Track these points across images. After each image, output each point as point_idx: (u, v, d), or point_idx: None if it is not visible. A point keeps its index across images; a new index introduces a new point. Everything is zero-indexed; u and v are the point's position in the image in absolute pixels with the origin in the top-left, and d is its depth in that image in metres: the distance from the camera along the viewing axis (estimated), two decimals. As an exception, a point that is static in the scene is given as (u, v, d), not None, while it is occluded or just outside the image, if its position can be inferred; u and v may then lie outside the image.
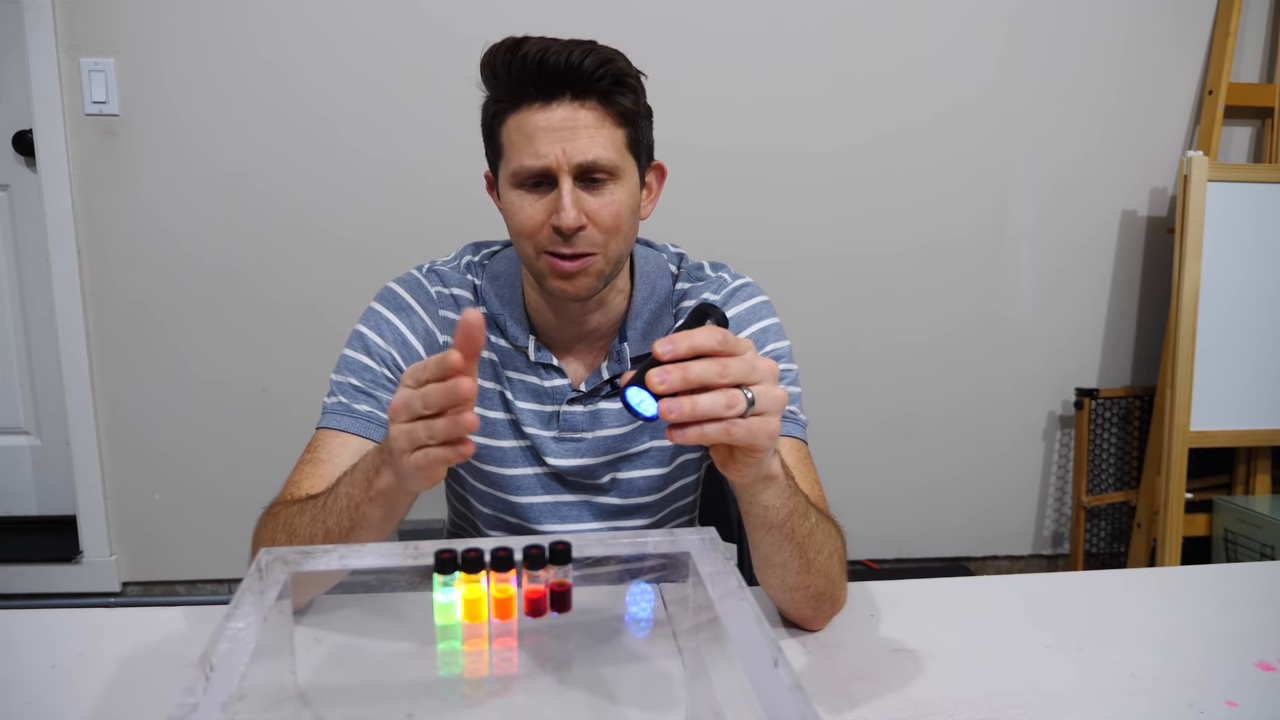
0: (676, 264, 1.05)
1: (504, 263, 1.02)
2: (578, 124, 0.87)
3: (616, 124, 0.89)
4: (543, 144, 0.86)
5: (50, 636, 0.83)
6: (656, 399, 0.64)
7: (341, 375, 0.96)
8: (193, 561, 2.31)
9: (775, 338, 1.01)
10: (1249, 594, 0.95)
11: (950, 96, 2.26)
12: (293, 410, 2.22)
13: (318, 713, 0.62)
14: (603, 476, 1.01)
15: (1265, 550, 2.14)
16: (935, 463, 2.42)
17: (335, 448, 0.91)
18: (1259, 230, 2.16)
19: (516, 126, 0.88)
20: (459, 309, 0.99)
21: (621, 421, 1.00)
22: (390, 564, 0.58)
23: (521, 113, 0.87)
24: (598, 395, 1.00)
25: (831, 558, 0.83)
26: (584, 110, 0.87)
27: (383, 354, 0.96)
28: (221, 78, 2.10)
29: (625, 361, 0.99)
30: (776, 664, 0.47)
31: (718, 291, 1.02)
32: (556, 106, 0.86)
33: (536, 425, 1.00)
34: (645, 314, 1.00)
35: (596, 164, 0.87)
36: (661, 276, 1.02)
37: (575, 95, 0.86)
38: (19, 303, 2.36)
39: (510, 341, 1.00)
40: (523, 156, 0.87)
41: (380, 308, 0.99)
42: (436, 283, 1.00)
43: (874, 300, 2.33)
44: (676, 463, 1.03)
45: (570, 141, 0.86)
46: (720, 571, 0.57)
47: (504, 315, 0.99)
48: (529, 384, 1.00)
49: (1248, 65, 2.33)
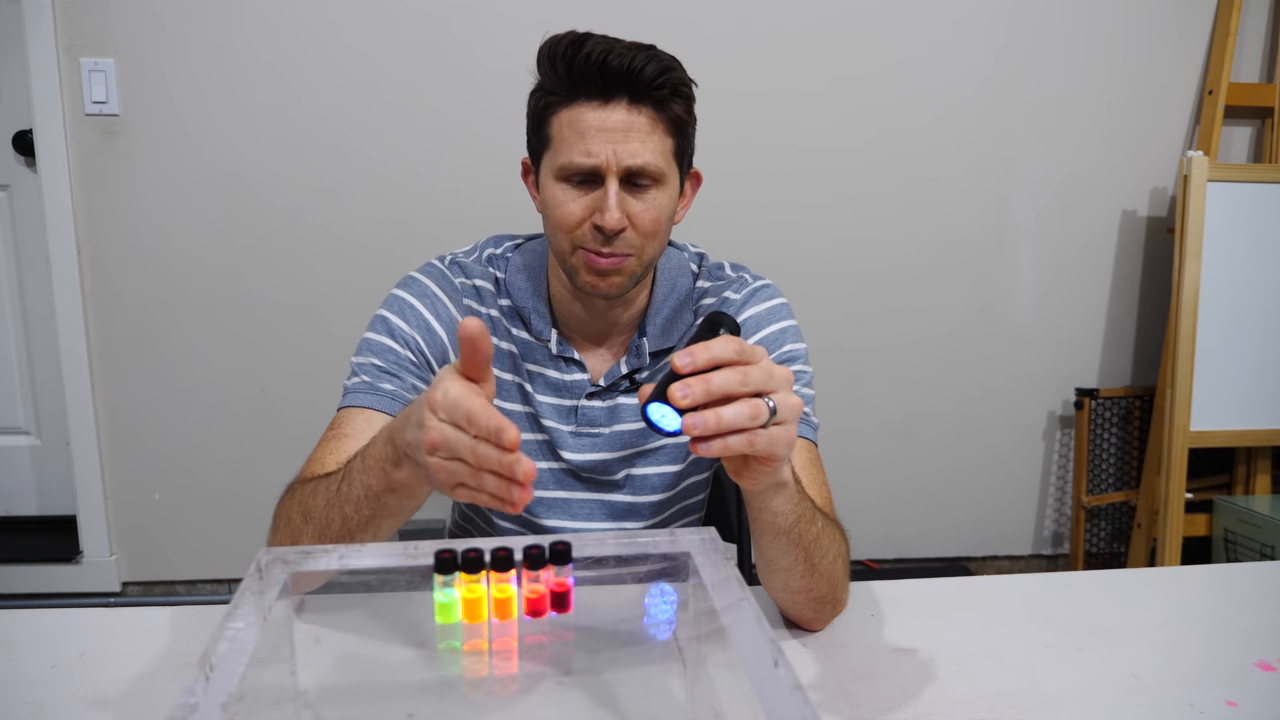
0: (697, 263, 1.06)
1: (529, 255, 1.02)
2: (631, 128, 0.87)
3: (667, 132, 0.90)
4: (595, 143, 0.87)
5: (50, 636, 0.83)
6: (680, 413, 0.64)
7: (363, 357, 0.95)
8: (193, 561, 2.31)
9: (793, 339, 1.01)
10: (1249, 594, 0.95)
11: (951, 96, 2.26)
12: (292, 410, 2.22)
13: (318, 713, 0.62)
14: (618, 472, 1.02)
15: (1265, 550, 2.14)
16: (935, 463, 2.42)
17: (360, 424, 0.90)
18: (1259, 230, 2.16)
19: (569, 122, 0.88)
20: (482, 301, 1.00)
21: (636, 417, 1.00)
22: (390, 564, 0.58)
23: (576, 108, 0.88)
24: (616, 390, 1.00)
25: (835, 562, 0.83)
26: (639, 115, 0.88)
27: (406, 337, 0.95)
28: (221, 78, 2.10)
29: (644, 357, 1.00)
30: (776, 664, 0.47)
31: (738, 291, 1.02)
32: (612, 108, 0.87)
33: (555, 419, 1.00)
34: (665, 310, 1.01)
35: (645, 169, 0.88)
36: (682, 275, 1.03)
37: (632, 99, 0.87)
38: (19, 303, 2.36)
39: (533, 334, 1.00)
40: (573, 153, 0.88)
41: (403, 293, 0.98)
42: (459, 274, 1.00)
43: (874, 300, 2.33)
44: (690, 460, 1.04)
45: (622, 144, 0.87)
46: (721, 572, 0.57)
47: (528, 307, 1.00)
48: (549, 378, 1.00)
49: (1248, 65, 2.33)
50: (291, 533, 0.80)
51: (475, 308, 0.99)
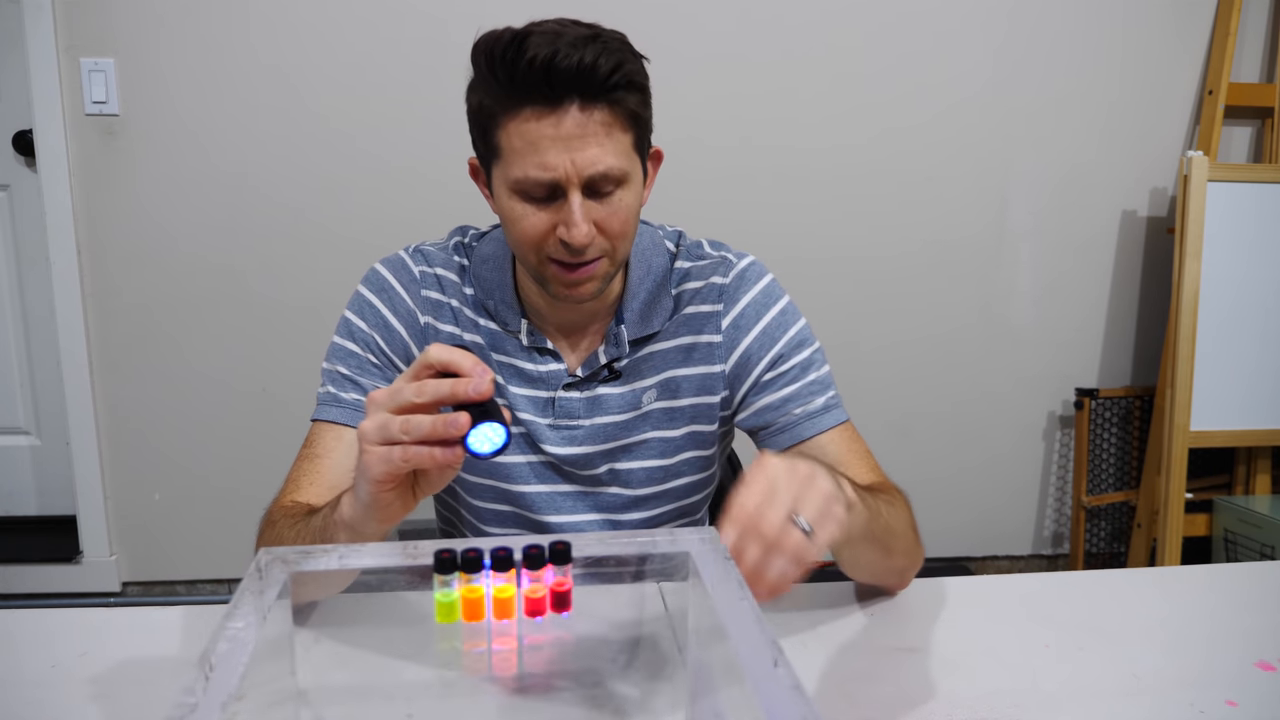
0: (674, 241, 1.01)
1: (492, 245, 0.98)
2: (586, 132, 0.80)
3: (624, 128, 0.83)
4: (549, 154, 0.80)
5: (50, 636, 0.83)
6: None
7: (330, 364, 0.95)
8: (193, 561, 2.31)
9: (794, 319, 0.98)
10: (1249, 594, 0.95)
11: (950, 95, 2.26)
12: (293, 410, 2.22)
13: (318, 713, 0.62)
14: (600, 466, 0.98)
15: (1265, 550, 2.14)
16: (935, 462, 2.42)
17: (329, 442, 0.91)
18: (1259, 230, 2.16)
19: (518, 132, 0.81)
20: (443, 290, 0.97)
21: (621, 409, 0.97)
22: (390, 564, 0.58)
23: (523, 117, 0.80)
24: (595, 380, 0.97)
25: (907, 533, 0.86)
26: (592, 116, 0.80)
27: (366, 338, 0.95)
28: (222, 77, 2.10)
29: (623, 345, 0.96)
30: (776, 664, 0.47)
31: (725, 275, 0.98)
32: (563, 113, 0.79)
33: (531, 411, 0.96)
34: (642, 295, 0.97)
35: (607, 174, 0.82)
36: (657, 254, 0.99)
37: (584, 100, 0.80)
38: (19, 303, 2.36)
39: (500, 324, 0.96)
40: (526, 167, 0.81)
41: (364, 290, 0.97)
42: (421, 262, 0.98)
43: (873, 300, 2.33)
44: (679, 458, 1.00)
45: (579, 152, 0.80)
46: (720, 571, 0.57)
47: (495, 298, 0.96)
48: (521, 369, 0.96)
49: (1248, 65, 2.33)
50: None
51: (435, 297, 0.96)
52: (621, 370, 0.97)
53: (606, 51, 0.79)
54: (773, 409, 0.96)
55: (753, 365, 0.97)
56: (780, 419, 0.96)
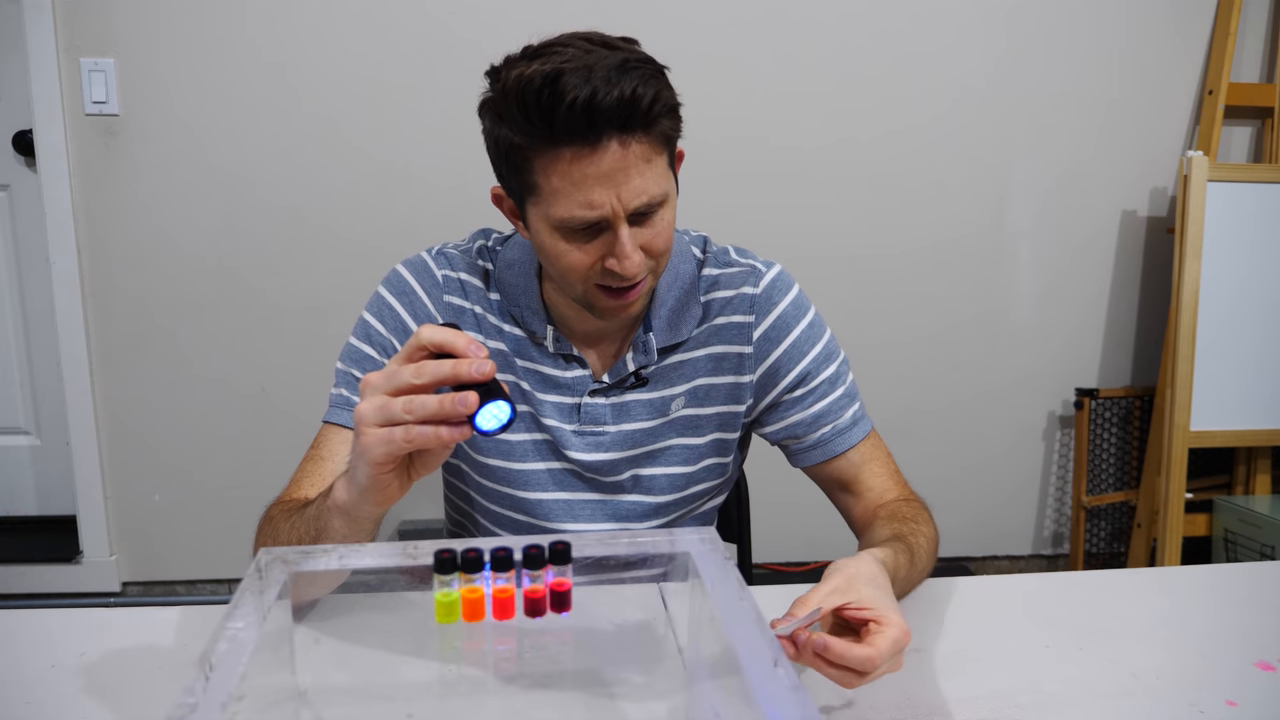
0: (701, 247, 1.01)
1: (516, 250, 0.97)
2: (627, 164, 0.79)
3: (660, 150, 0.82)
4: (594, 194, 0.79)
5: (50, 636, 0.83)
6: (512, 409, 0.66)
7: (344, 365, 0.94)
8: (193, 561, 2.31)
9: (821, 330, 1.00)
10: (1249, 594, 0.95)
11: (950, 95, 2.26)
12: (292, 410, 2.22)
13: (318, 713, 0.62)
14: (624, 473, 0.98)
15: (1265, 550, 2.14)
16: (935, 462, 2.42)
17: (335, 444, 0.90)
18: (1259, 230, 2.16)
19: (559, 172, 0.79)
20: (466, 295, 0.96)
21: (648, 415, 0.97)
22: (390, 564, 0.58)
23: (563, 158, 0.78)
24: (622, 387, 0.97)
25: (932, 557, 0.90)
26: (630, 149, 0.79)
27: (383, 342, 0.94)
28: (222, 78, 2.10)
29: (652, 353, 0.95)
30: (776, 664, 0.47)
31: (756, 285, 0.98)
32: (603, 151, 0.78)
33: (556, 418, 0.96)
34: (670, 302, 0.96)
35: (650, 203, 0.82)
36: (685, 261, 0.98)
37: (622, 134, 0.78)
38: (19, 303, 2.36)
39: (527, 331, 0.96)
40: (571, 207, 0.80)
41: (384, 292, 0.96)
42: (444, 265, 0.96)
43: (873, 299, 2.33)
44: (702, 464, 1.00)
45: (623, 185, 0.79)
46: (720, 572, 0.57)
47: (520, 304, 0.95)
48: (547, 375, 0.96)
49: (1248, 65, 2.33)
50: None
51: (457, 303, 0.96)
52: (649, 377, 0.97)
53: (642, 80, 0.78)
54: (804, 425, 0.99)
55: (780, 377, 0.98)
56: (811, 434, 0.99)
